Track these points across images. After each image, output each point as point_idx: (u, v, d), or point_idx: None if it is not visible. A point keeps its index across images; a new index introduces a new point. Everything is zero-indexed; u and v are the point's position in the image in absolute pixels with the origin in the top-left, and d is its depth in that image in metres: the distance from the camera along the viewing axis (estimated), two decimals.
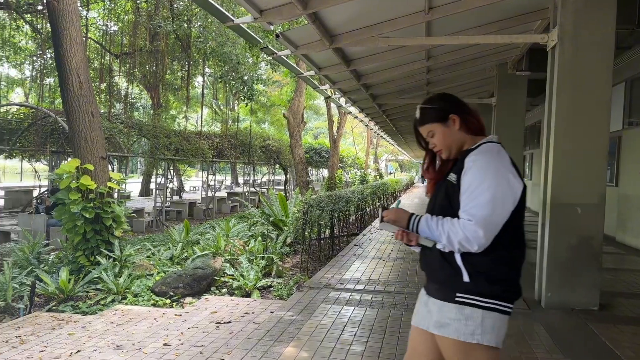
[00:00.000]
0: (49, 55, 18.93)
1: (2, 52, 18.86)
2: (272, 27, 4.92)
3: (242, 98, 13.83)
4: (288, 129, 17.38)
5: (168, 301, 6.26)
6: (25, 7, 14.41)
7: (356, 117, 13.48)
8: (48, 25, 17.85)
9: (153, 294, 6.42)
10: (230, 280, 6.83)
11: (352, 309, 5.07)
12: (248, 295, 6.50)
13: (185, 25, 14.55)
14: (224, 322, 4.93)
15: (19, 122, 14.96)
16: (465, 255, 1.91)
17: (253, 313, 5.31)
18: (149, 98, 23.77)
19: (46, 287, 6.43)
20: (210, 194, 18.46)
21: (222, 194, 23.65)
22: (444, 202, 1.99)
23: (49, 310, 6.11)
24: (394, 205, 2.16)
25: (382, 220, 2.05)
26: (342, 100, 10.71)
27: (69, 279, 6.62)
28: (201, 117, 20.48)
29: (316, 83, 8.85)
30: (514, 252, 1.94)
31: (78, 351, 4.33)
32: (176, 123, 23.61)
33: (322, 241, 9.06)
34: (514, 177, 1.90)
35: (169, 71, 18.58)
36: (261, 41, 5.39)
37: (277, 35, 5.22)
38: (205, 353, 4.08)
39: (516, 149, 9.55)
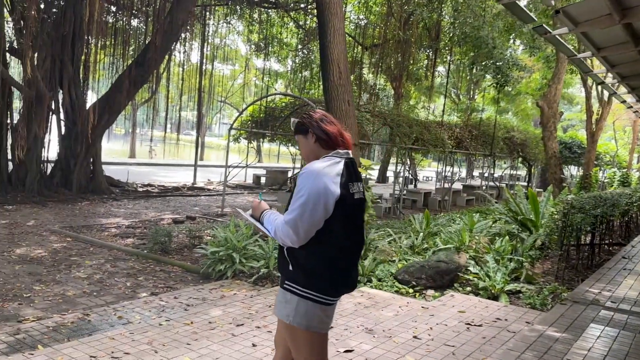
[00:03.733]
0: (307, 50, 20.93)
1: (271, 47, 21.50)
2: (552, 2, 4.31)
3: (495, 85, 12.99)
4: (541, 119, 15.78)
5: (411, 290, 6.19)
6: (292, 5, 16.06)
7: (630, 107, 11.49)
8: (309, 22, 19.74)
9: (396, 281, 6.44)
10: (475, 278, 6.44)
11: (633, 335, 4.21)
12: (494, 297, 6.03)
13: (434, 14, 14.35)
14: (475, 325, 4.60)
15: (281, 110, 16.87)
16: (289, 249, 2.27)
17: (506, 320, 4.85)
18: (391, 88, 24.44)
19: None
20: (445, 185, 18.11)
21: (457, 186, 23.04)
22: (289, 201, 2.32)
23: None
24: (257, 197, 2.55)
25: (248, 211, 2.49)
26: (616, 87, 9.16)
27: None
28: (443, 106, 20.15)
29: (588, 66, 7.70)
30: (329, 249, 2.23)
31: (331, 327, 4.53)
32: (414, 113, 23.81)
33: (580, 248, 7.94)
34: (333, 185, 2.19)
35: (412, 61, 18.72)
36: (535, 19, 4.80)
37: (557, 12, 4.58)
38: (457, 355, 3.83)
39: None
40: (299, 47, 21.62)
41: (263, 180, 21.39)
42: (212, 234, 8.36)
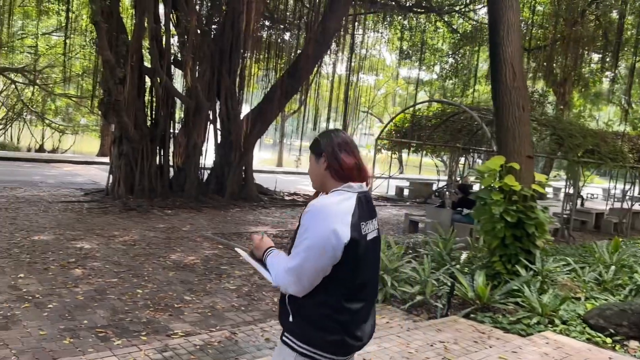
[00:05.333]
0: (460, 55, 19.71)
1: (418, 54, 20.58)
2: None
3: None
4: None
5: (608, 340, 4.96)
6: (446, 8, 15.08)
7: None
8: (463, 24, 18.54)
9: (586, 326, 5.24)
10: None
11: None
12: None
13: (611, 11, 12.39)
14: None
15: (428, 119, 15.89)
16: (291, 297, 1.97)
17: None
18: (552, 94, 22.12)
19: (464, 290, 6.08)
20: (622, 204, 15.64)
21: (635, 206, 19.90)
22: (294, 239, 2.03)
23: (466, 316, 5.71)
24: (259, 235, 2.21)
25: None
26: None
27: (486, 284, 6.11)
28: (626, 115, 17.52)
29: None
30: (338, 298, 1.93)
31: None
32: (581, 122, 21.24)
33: None
34: (342, 227, 1.90)
35: (583, 64, 16.55)
36: None
37: None
38: None
39: None
40: (449, 52, 20.46)
41: (406, 192, 20.51)
42: None
